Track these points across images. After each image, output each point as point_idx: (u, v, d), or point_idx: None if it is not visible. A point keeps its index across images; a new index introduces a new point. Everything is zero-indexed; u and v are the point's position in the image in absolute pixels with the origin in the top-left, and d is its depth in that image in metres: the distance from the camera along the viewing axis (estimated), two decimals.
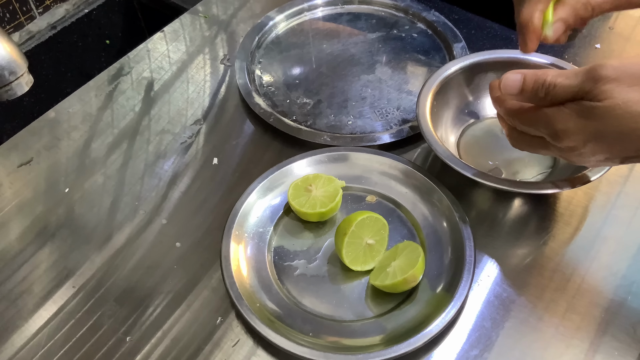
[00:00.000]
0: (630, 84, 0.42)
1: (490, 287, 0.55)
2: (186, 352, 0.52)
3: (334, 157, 0.62)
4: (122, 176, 0.66)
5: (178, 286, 0.56)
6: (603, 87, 0.43)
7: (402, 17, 0.81)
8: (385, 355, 0.49)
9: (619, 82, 0.42)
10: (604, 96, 0.43)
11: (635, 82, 0.42)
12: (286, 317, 0.52)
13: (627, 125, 0.43)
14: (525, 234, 0.59)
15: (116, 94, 0.74)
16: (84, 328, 0.54)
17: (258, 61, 0.77)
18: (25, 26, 0.78)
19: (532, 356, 0.51)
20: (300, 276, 0.56)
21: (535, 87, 0.47)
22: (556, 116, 0.46)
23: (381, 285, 0.53)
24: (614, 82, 0.42)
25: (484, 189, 0.62)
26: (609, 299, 0.54)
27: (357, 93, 0.72)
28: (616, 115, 0.43)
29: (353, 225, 0.54)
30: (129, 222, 0.62)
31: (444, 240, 0.57)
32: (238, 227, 0.57)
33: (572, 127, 0.45)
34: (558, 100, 0.46)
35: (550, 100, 0.46)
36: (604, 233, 0.58)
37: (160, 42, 0.81)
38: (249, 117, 0.71)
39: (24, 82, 0.46)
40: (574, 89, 0.44)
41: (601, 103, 0.43)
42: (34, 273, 0.58)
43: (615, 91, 0.42)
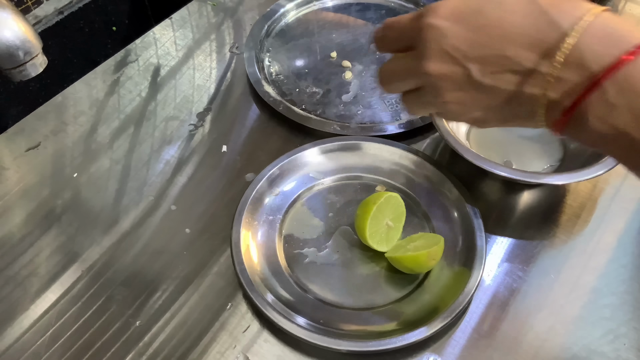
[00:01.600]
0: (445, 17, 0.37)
1: (499, 277, 0.55)
2: (197, 337, 0.52)
3: (346, 146, 0.62)
4: (128, 161, 0.66)
5: (186, 271, 0.56)
6: (422, 20, 0.38)
7: (412, 8, 0.81)
8: (396, 343, 0.49)
9: (435, 7, 0.38)
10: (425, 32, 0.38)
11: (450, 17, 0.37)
12: (297, 303, 0.52)
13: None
14: (535, 225, 0.59)
15: (123, 79, 0.74)
16: (90, 311, 0.54)
17: (267, 50, 0.76)
18: (32, 10, 0.77)
19: (541, 347, 0.51)
20: (310, 264, 0.56)
21: (387, 27, 0.42)
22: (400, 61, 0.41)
23: (402, 257, 0.52)
24: (429, 9, 0.38)
25: (493, 179, 0.62)
26: (616, 290, 0.54)
27: (367, 83, 0.72)
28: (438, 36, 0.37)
29: (382, 198, 0.54)
30: (134, 207, 0.61)
31: (455, 230, 0.56)
32: (248, 214, 0.57)
33: (411, 66, 0.40)
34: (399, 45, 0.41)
35: (397, 45, 0.41)
36: (612, 225, 0.59)
37: (167, 29, 0.80)
38: (256, 104, 0.71)
39: (38, 63, 0.46)
40: (406, 30, 0.40)
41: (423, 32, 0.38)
42: (40, 256, 0.58)
43: (429, 14, 0.38)
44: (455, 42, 0.37)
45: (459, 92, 0.39)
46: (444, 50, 0.38)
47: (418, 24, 0.39)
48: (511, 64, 0.36)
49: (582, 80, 0.34)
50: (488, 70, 0.37)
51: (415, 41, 0.39)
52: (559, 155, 0.63)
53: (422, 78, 0.40)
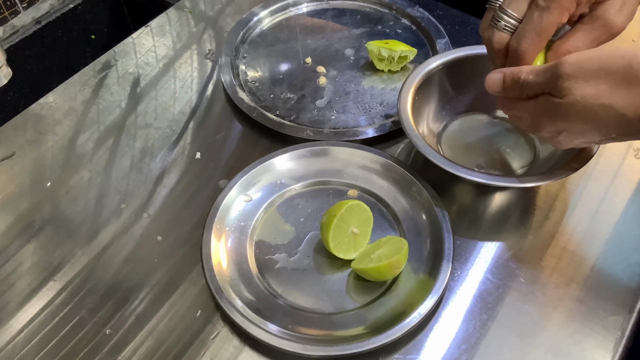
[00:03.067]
0: (586, 79, 0.45)
1: (470, 280, 0.56)
2: (169, 347, 0.52)
3: (316, 151, 0.63)
4: (107, 172, 0.66)
5: (162, 281, 0.57)
6: (563, 84, 0.46)
7: (386, 12, 0.81)
8: (364, 347, 0.49)
9: (576, 79, 0.45)
10: (564, 93, 0.46)
11: (590, 77, 0.45)
12: (265, 310, 0.53)
13: (588, 118, 0.46)
14: (506, 228, 0.60)
15: (101, 89, 0.74)
16: (68, 325, 0.54)
17: (243, 56, 0.77)
18: (10, 21, 0.78)
19: (510, 347, 0.52)
20: (281, 269, 0.56)
21: (513, 85, 0.50)
22: (529, 110, 0.50)
23: (365, 269, 0.53)
24: (572, 78, 0.45)
25: (465, 184, 0.62)
26: (585, 292, 0.55)
27: (341, 88, 0.72)
28: (577, 110, 0.46)
29: (343, 208, 0.54)
30: (114, 219, 0.62)
31: (424, 233, 0.57)
32: (219, 221, 0.58)
33: (544, 121, 0.49)
34: (532, 94, 0.49)
35: (525, 94, 0.50)
36: (581, 227, 0.59)
37: (146, 37, 0.81)
38: (235, 112, 0.71)
39: (2, 75, 0.47)
40: (541, 84, 0.48)
41: (563, 100, 0.46)
42: (18, 270, 0.58)
43: (573, 88, 0.45)
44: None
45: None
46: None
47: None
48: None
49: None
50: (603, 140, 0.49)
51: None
52: (530, 158, 0.63)
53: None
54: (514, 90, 0.50)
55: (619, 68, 0.44)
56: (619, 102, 0.44)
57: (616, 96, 0.44)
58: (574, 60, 0.45)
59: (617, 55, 0.45)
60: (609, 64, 0.44)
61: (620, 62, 0.44)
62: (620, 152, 0.65)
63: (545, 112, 0.48)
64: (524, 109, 0.51)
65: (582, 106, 0.45)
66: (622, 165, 0.64)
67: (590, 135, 0.48)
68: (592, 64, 0.45)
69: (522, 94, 0.50)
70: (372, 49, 0.72)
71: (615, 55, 0.45)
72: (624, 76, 0.44)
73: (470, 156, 0.64)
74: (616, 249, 0.57)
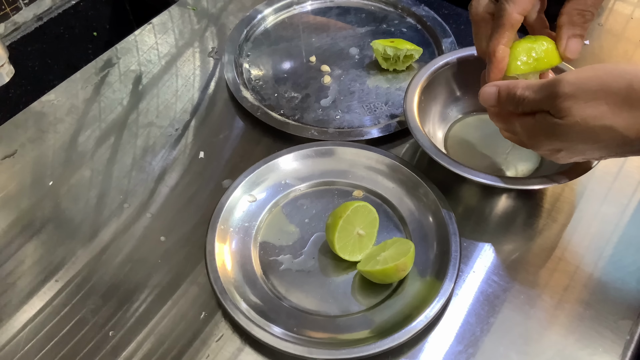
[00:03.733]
0: (586, 99, 0.44)
1: (476, 283, 0.55)
2: (171, 347, 0.52)
3: (321, 151, 0.62)
4: (109, 170, 0.66)
5: (164, 281, 0.56)
6: (562, 104, 0.45)
7: (391, 11, 0.81)
8: (370, 351, 0.49)
9: (576, 99, 0.44)
10: (563, 114, 0.45)
11: (590, 98, 0.44)
12: (270, 312, 0.52)
13: (589, 139, 0.45)
14: (512, 230, 0.59)
15: (103, 87, 0.74)
16: (69, 324, 0.54)
17: (246, 54, 0.76)
18: (11, 17, 0.77)
19: (517, 352, 0.51)
20: (285, 271, 0.56)
21: (508, 100, 0.49)
22: (526, 127, 0.49)
23: (371, 271, 0.52)
24: (571, 99, 0.44)
25: (471, 185, 0.62)
26: (593, 295, 0.54)
27: (346, 88, 0.72)
28: (576, 131, 0.45)
29: (349, 210, 0.54)
30: (115, 217, 0.61)
31: (430, 235, 0.56)
32: (223, 221, 0.57)
33: (542, 139, 0.48)
34: (528, 111, 0.48)
35: (522, 110, 0.49)
36: (590, 229, 0.59)
37: (148, 34, 0.80)
38: (238, 111, 0.71)
39: (4, 73, 0.46)
40: (539, 102, 0.47)
41: (562, 121, 0.45)
42: (19, 268, 0.58)
43: (573, 109, 0.44)
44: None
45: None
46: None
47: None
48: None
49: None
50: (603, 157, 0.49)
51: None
52: (537, 159, 0.63)
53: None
54: (509, 105, 0.50)
55: (620, 88, 0.43)
56: (620, 124, 0.43)
57: (617, 118, 0.43)
58: (573, 79, 0.44)
59: (617, 75, 0.43)
60: (609, 84, 0.43)
61: (620, 82, 0.43)
62: None
63: (544, 131, 0.47)
64: (520, 124, 0.49)
65: (582, 128, 0.44)
66: (629, 166, 0.63)
67: (591, 154, 0.48)
68: (592, 83, 0.44)
69: (518, 109, 0.49)
70: (378, 48, 0.71)
71: (615, 75, 0.44)
72: (625, 97, 0.43)
73: (476, 157, 0.63)
74: (624, 251, 0.57)
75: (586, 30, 0.52)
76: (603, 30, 0.79)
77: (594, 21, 0.79)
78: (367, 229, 0.55)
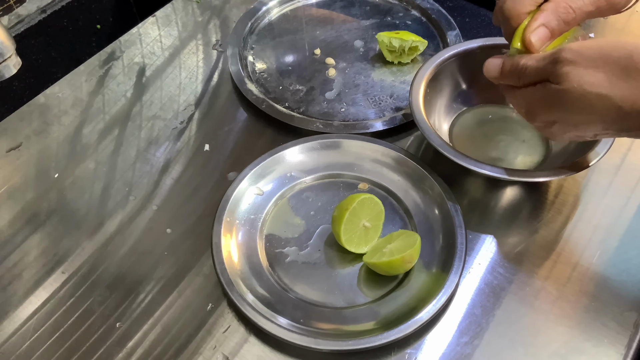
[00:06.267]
0: (585, 66, 0.44)
1: (481, 275, 0.55)
2: (177, 339, 0.52)
3: (327, 144, 0.62)
4: (113, 162, 0.66)
5: (169, 273, 0.56)
6: (561, 70, 0.45)
7: (396, 4, 0.81)
8: (376, 342, 0.49)
9: (575, 65, 0.44)
10: (561, 79, 0.45)
11: (590, 65, 0.44)
12: (277, 303, 0.52)
13: (583, 108, 0.45)
14: (517, 222, 0.59)
15: (107, 79, 0.74)
16: (74, 315, 0.54)
17: (250, 47, 0.76)
18: (15, 9, 0.77)
19: (522, 343, 0.51)
20: (291, 263, 0.56)
21: (512, 70, 0.50)
22: (525, 97, 0.49)
23: (377, 263, 0.52)
24: (570, 64, 0.44)
25: (476, 177, 0.62)
26: (598, 287, 0.54)
27: (350, 80, 0.72)
28: (572, 99, 0.45)
29: (355, 202, 0.54)
30: (120, 209, 0.61)
31: (436, 228, 0.56)
32: (229, 213, 0.57)
33: (539, 109, 0.48)
34: (530, 81, 0.48)
35: (523, 81, 0.49)
36: (595, 222, 0.59)
37: (152, 27, 0.80)
38: (242, 103, 0.71)
39: (11, 65, 0.46)
40: (540, 70, 0.47)
41: (560, 86, 0.45)
42: (24, 260, 0.58)
43: (571, 74, 0.44)
44: None
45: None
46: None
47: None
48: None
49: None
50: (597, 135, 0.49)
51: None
52: (542, 151, 0.63)
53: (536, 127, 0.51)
54: (511, 76, 0.50)
55: (619, 57, 0.43)
56: (616, 94, 0.43)
57: (614, 87, 0.43)
58: (575, 48, 0.45)
59: (618, 46, 0.44)
60: (610, 53, 0.44)
61: (621, 52, 0.43)
62: (634, 145, 0.64)
63: (541, 100, 0.47)
64: (520, 95, 0.50)
65: (578, 94, 0.44)
66: (633, 158, 0.63)
67: (584, 128, 0.47)
68: (593, 51, 0.44)
69: (520, 81, 0.49)
70: (383, 40, 0.71)
71: (616, 46, 0.44)
72: (623, 67, 0.43)
73: (481, 149, 0.63)
74: (630, 244, 0.57)
75: (561, 29, 0.50)
76: (607, 24, 0.78)
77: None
78: (373, 222, 0.55)
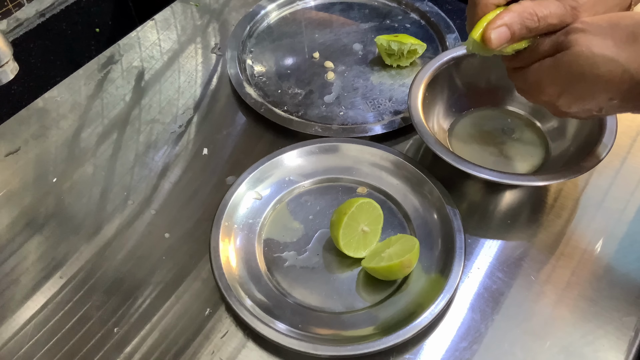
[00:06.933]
0: (595, 33, 0.45)
1: (480, 279, 0.55)
2: (175, 344, 0.52)
3: (325, 148, 0.62)
4: (112, 166, 0.66)
5: (167, 277, 0.56)
6: (572, 36, 0.46)
7: (395, 7, 0.81)
8: (375, 347, 0.49)
9: (584, 32, 0.45)
10: (571, 44, 0.46)
11: (599, 32, 0.45)
12: (275, 308, 0.52)
13: (591, 70, 0.45)
14: (516, 226, 0.59)
15: (106, 83, 0.74)
16: (72, 320, 0.54)
17: (249, 51, 0.76)
18: (14, 13, 0.77)
19: (521, 348, 0.51)
20: (290, 267, 0.56)
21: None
22: (533, 71, 0.49)
23: (376, 268, 0.52)
24: (580, 31, 0.46)
25: (475, 181, 0.62)
26: (598, 291, 0.54)
27: (349, 84, 0.72)
28: (581, 61, 0.45)
29: (354, 206, 0.54)
30: (118, 213, 0.61)
31: (435, 232, 0.56)
32: (227, 218, 0.57)
33: (546, 80, 0.48)
34: (540, 57, 0.48)
35: (534, 57, 0.49)
36: (594, 225, 0.58)
37: (151, 30, 0.80)
38: (241, 107, 0.71)
39: (8, 70, 0.46)
40: (551, 42, 0.48)
41: (568, 50, 0.46)
42: (22, 264, 0.58)
43: (581, 39, 0.45)
44: None
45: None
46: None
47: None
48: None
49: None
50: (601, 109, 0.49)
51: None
52: (541, 155, 0.62)
53: (543, 105, 0.51)
54: (525, 31, 0.47)
55: (627, 25, 0.45)
56: (622, 56, 0.44)
57: (622, 51, 0.44)
58: (588, 19, 0.46)
59: (627, 15, 0.46)
60: (618, 21, 0.45)
61: (629, 20, 0.45)
62: (633, 149, 0.64)
63: (549, 69, 0.47)
64: (529, 72, 0.49)
65: (585, 57, 0.45)
66: (632, 162, 0.63)
67: (590, 99, 0.47)
68: (602, 21, 0.46)
69: (530, 59, 0.49)
70: (382, 43, 0.71)
71: (625, 15, 0.46)
72: (631, 32, 0.44)
73: (480, 153, 0.63)
74: (629, 248, 0.56)
75: (522, 35, 0.48)
76: None
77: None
78: (372, 226, 0.55)
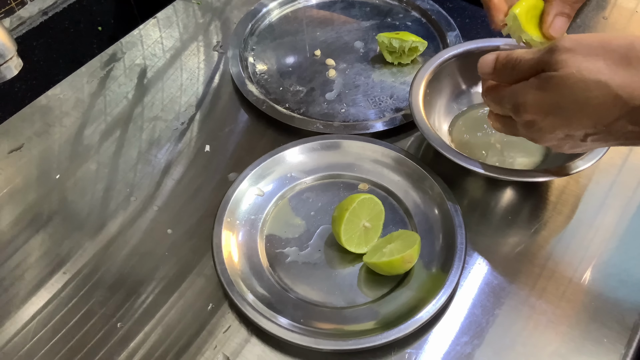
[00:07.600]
0: (585, 54, 0.43)
1: (481, 275, 0.55)
2: (179, 339, 0.52)
3: (327, 144, 0.62)
4: (115, 163, 0.66)
5: (171, 273, 0.56)
6: (560, 57, 0.44)
7: (396, 5, 0.81)
8: (376, 342, 0.49)
9: (574, 52, 0.43)
10: (559, 65, 0.44)
11: (589, 53, 0.43)
12: (277, 303, 0.52)
13: (581, 94, 0.43)
14: (518, 222, 0.59)
15: (109, 81, 0.74)
16: (76, 316, 0.54)
17: (251, 48, 0.76)
18: (16, 12, 0.77)
19: (522, 344, 0.51)
20: (292, 263, 0.56)
21: (505, 63, 0.49)
22: (517, 89, 0.47)
23: (377, 263, 0.53)
24: (569, 52, 0.44)
25: (476, 177, 0.62)
26: (599, 287, 0.54)
27: (350, 81, 0.72)
28: (570, 84, 0.43)
29: (355, 202, 0.54)
30: (121, 210, 0.62)
31: (436, 228, 0.57)
32: (230, 214, 0.57)
33: (531, 99, 0.46)
34: (524, 75, 0.47)
35: (516, 75, 0.48)
36: (595, 222, 0.59)
37: (153, 28, 0.80)
38: (243, 105, 0.71)
39: (12, 66, 0.46)
40: (535, 60, 0.46)
41: (557, 72, 0.44)
42: (26, 261, 0.58)
43: (570, 60, 0.43)
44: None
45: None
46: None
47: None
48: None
49: None
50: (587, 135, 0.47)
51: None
52: (542, 151, 0.63)
53: (522, 129, 0.50)
54: (504, 71, 0.48)
55: (620, 46, 0.43)
56: (615, 81, 0.42)
57: (614, 75, 0.42)
58: (574, 37, 0.44)
59: (619, 36, 0.43)
60: (610, 42, 0.43)
61: (621, 41, 0.43)
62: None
63: (534, 90, 0.45)
64: (510, 92, 0.48)
65: (575, 80, 0.43)
66: (634, 159, 0.63)
67: (576, 124, 0.45)
68: (593, 40, 0.44)
69: (513, 74, 0.48)
70: (383, 41, 0.71)
71: (617, 36, 0.44)
72: (624, 55, 0.42)
73: (481, 150, 0.63)
74: (631, 244, 0.57)
75: (574, 11, 0.50)
76: (607, 24, 0.79)
77: (598, 15, 0.79)
78: (373, 222, 0.55)
